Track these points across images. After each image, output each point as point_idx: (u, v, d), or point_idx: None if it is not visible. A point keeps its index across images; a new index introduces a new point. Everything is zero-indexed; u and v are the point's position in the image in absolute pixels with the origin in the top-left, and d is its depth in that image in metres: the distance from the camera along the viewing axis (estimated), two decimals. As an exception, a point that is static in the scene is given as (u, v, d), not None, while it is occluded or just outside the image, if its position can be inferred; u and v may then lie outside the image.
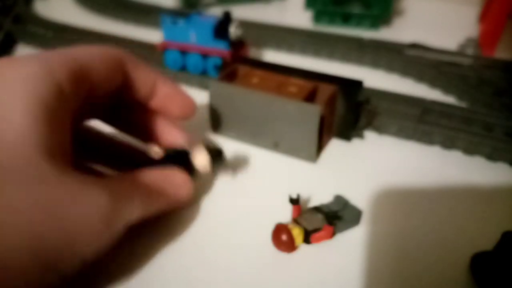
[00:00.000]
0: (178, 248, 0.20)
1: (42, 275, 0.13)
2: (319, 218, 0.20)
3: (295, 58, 0.41)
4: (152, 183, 0.19)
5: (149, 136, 0.22)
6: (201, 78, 0.34)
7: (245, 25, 0.37)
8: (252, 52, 0.40)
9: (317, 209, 0.21)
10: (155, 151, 0.21)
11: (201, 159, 0.21)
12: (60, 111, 0.16)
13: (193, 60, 0.34)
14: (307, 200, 0.22)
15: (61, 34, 0.43)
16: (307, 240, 0.19)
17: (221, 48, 0.32)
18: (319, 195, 0.22)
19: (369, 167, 0.25)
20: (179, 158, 0.21)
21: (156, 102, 0.22)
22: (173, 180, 0.20)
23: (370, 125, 0.28)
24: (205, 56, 0.33)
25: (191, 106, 0.23)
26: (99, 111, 0.21)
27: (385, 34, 0.46)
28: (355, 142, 0.28)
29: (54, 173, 0.14)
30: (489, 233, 0.20)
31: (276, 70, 0.28)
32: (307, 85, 0.26)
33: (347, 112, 0.26)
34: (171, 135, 0.22)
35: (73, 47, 0.18)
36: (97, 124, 0.22)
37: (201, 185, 0.24)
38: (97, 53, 0.18)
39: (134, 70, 0.20)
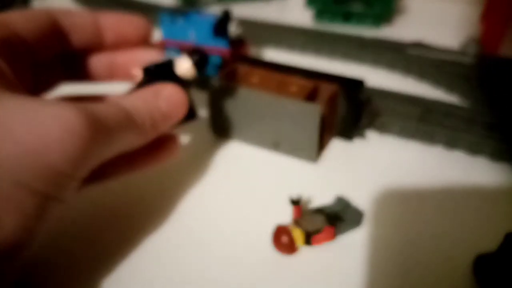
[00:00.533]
0: (178, 249, 0.20)
1: (26, 200, 0.13)
2: (320, 219, 0.20)
3: (296, 57, 0.40)
4: (142, 104, 0.18)
5: (125, 75, 0.22)
6: (200, 77, 0.34)
7: (245, 23, 0.37)
8: (252, 51, 0.40)
9: (318, 210, 0.21)
10: (134, 73, 0.20)
11: (183, 64, 0.20)
12: None
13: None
14: (308, 201, 0.22)
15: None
16: (308, 241, 0.19)
17: (220, 47, 0.32)
18: (320, 196, 0.22)
19: (370, 167, 0.25)
20: (161, 71, 0.20)
21: (109, 37, 0.22)
22: (164, 92, 0.19)
23: (371, 124, 0.28)
24: (205, 55, 0.33)
25: (144, 21, 0.22)
26: (54, 68, 0.21)
27: (387, 32, 0.46)
28: (357, 142, 0.27)
29: None
30: (492, 234, 0.20)
31: (276, 69, 0.27)
32: (307, 84, 0.26)
33: (348, 112, 0.26)
34: (144, 56, 0.22)
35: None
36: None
37: (201, 185, 0.24)
38: (21, 13, 0.19)
39: (65, 17, 0.20)
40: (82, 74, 0.22)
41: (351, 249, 0.20)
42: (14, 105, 0.14)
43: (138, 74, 0.20)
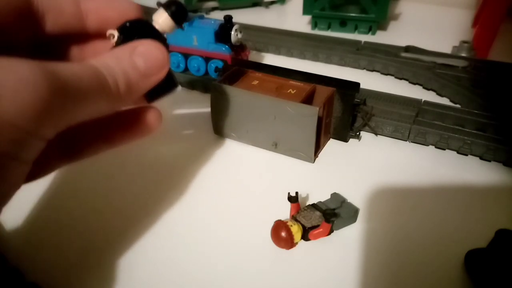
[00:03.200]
0: (180, 244, 0.20)
1: None
2: (317, 215, 0.21)
3: (294, 61, 0.41)
4: (114, 61, 0.16)
5: None
6: (203, 80, 0.35)
7: (246, 29, 0.38)
8: (253, 55, 0.41)
9: (315, 207, 0.21)
10: (109, 33, 0.18)
11: (160, 16, 0.18)
12: None
13: (195, 63, 0.35)
14: (306, 198, 0.23)
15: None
16: (305, 237, 0.20)
17: (222, 52, 0.33)
18: (317, 194, 0.23)
19: (365, 166, 0.26)
20: (138, 29, 0.18)
21: (92, 22, 0.19)
22: (141, 48, 0.17)
23: (366, 126, 0.28)
24: (207, 59, 0.34)
25: (134, 6, 0.19)
26: (23, 56, 0.17)
27: (381, 37, 0.47)
28: (352, 142, 0.28)
29: None
30: (482, 231, 0.20)
31: (275, 72, 0.28)
32: (305, 87, 0.27)
33: (344, 113, 0.27)
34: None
35: None
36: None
37: (202, 183, 0.24)
38: None
39: None
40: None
41: (347, 244, 0.20)
42: None
43: (112, 33, 0.17)
